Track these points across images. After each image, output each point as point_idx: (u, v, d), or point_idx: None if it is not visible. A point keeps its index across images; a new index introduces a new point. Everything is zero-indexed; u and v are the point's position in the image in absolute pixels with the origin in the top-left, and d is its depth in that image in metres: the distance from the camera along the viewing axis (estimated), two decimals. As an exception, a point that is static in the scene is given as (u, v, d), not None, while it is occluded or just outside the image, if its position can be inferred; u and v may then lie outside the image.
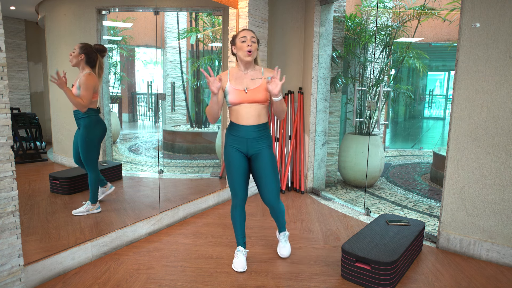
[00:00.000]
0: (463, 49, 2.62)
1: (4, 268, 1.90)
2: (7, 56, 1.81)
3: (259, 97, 2.25)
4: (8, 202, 1.88)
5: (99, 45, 2.96)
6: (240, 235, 2.48)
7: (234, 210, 2.44)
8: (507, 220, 2.54)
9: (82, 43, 2.87)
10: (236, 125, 2.31)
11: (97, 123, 2.97)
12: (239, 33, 2.28)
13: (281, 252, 2.63)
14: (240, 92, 2.25)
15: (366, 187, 4.33)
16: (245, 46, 2.22)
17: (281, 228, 2.65)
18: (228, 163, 2.36)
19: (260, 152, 2.33)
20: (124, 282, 2.25)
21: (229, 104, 2.30)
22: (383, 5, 4.93)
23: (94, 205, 3.03)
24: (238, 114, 2.28)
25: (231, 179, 2.37)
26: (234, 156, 2.33)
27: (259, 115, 2.29)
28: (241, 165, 2.34)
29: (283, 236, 2.66)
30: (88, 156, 2.94)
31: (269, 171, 2.33)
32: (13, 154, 1.88)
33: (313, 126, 4.23)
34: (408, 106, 9.31)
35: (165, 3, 4.50)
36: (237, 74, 2.31)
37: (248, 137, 2.29)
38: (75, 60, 2.83)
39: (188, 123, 6.39)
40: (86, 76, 2.83)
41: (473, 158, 2.64)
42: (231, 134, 2.34)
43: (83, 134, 2.91)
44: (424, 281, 2.33)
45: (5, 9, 1.90)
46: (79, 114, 2.89)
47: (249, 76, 2.29)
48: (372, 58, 4.78)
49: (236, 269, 2.41)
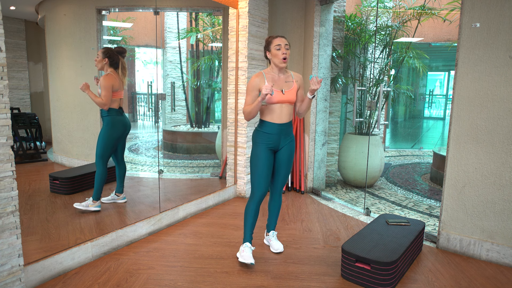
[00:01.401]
0: (463, 49, 2.62)
1: (4, 268, 1.90)
2: (7, 56, 1.81)
3: (292, 98, 2.47)
4: (8, 202, 1.88)
5: (119, 47, 3.15)
6: (249, 231, 2.54)
7: (250, 204, 2.53)
8: (507, 220, 2.54)
9: (104, 47, 3.11)
10: (270, 124, 2.46)
11: (118, 122, 3.11)
12: (273, 40, 2.43)
13: (275, 247, 2.72)
14: (279, 93, 2.42)
15: (366, 187, 4.33)
16: (280, 54, 2.40)
17: (272, 225, 2.80)
18: (257, 158, 2.49)
19: (287, 145, 2.55)
20: (124, 282, 2.25)
21: (265, 103, 2.44)
22: (383, 5, 4.93)
23: (95, 202, 3.03)
24: (274, 113, 2.45)
25: (256, 174, 2.49)
26: (265, 153, 2.48)
27: (290, 114, 2.51)
28: (269, 162, 2.50)
29: (272, 234, 2.80)
30: (101, 152, 3.06)
31: (290, 162, 2.59)
32: (13, 154, 1.88)
33: (313, 126, 4.23)
34: (408, 106, 9.31)
35: (165, 3, 4.50)
36: (272, 77, 2.47)
37: (281, 134, 2.49)
38: (100, 65, 3.05)
39: (188, 123, 6.39)
40: (104, 77, 3.01)
41: (473, 158, 2.64)
42: (264, 132, 2.48)
43: (103, 131, 3.08)
44: (424, 281, 2.33)
45: (5, 9, 1.90)
46: (103, 113, 3.08)
47: (283, 79, 2.48)
48: (372, 58, 4.78)
49: (246, 260, 2.42)
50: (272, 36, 2.47)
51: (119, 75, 3.08)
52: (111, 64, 3.05)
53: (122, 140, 3.25)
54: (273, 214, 2.76)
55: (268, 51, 2.47)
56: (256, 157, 2.49)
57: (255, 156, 2.50)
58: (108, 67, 3.04)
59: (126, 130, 3.22)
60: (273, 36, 2.46)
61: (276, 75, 2.47)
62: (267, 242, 2.82)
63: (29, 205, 3.05)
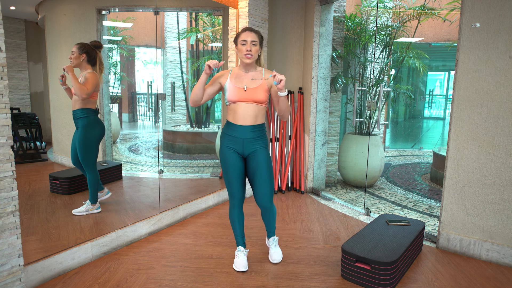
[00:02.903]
0: (463, 49, 2.62)
1: (4, 268, 1.90)
2: (7, 56, 1.81)
3: (258, 97, 2.25)
4: (8, 202, 1.88)
5: (95, 41, 2.97)
6: (239, 235, 2.48)
7: (232, 211, 2.44)
8: (507, 220, 2.54)
9: (79, 43, 2.86)
10: (232, 125, 2.30)
11: (96, 124, 2.96)
12: (241, 35, 2.25)
13: (272, 257, 2.55)
14: (239, 89, 2.25)
15: (366, 187, 4.33)
16: (244, 49, 2.22)
17: (271, 232, 2.59)
18: (224, 163, 2.34)
19: (256, 152, 2.32)
20: (124, 282, 2.25)
21: (227, 102, 2.30)
22: (383, 5, 4.93)
23: (94, 205, 3.03)
24: (236, 113, 2.27)
25: (227, 180, 2.35)
26: (230, 157, 2.31)
27: (257, 115, 2.29)
28: (236, 166, 2.32)
29: (272, 241, 2.59)
30: (86, 157, 2.94)
31: (264, 171, 2.32)
32: (13, 154, 1.88)
33: (313, 126, 4.23)
34: (408, 106, 9.31)
35: (165, 3, 4.50)
36: (238, 73, 2.31)
37: (244, 137, 2.28)
38: (76, 61, 2.83)
39: (188, 123, 6.39)
40: (91, 73, 2.85)
41: (473, 158, 2.64)
42: (227, 134, 2.33)
43: (81, 135, 2.90)
44: (424, 281, 2.33)
45: (5, 9, 1.90)
46: (78, 114, 2.89)
47: (249, 76, 2.29)
48: (372, 58, 4.78)
49: (238, 269, 2.40)
50: (243, 29, 2.28)
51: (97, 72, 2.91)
52: (88, 60, 2.86)
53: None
54: (268, 223, 2.55)
55: (235, 46, 2.28)
56: (223, 161, 2.34)
57: (223, 162, 2.34)
58: (86, 63, 2.85)
59: (102, 133, 3.05)
60: (243, 30, 2.27)
61: (243, 72, 2.30)
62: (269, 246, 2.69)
63: (29, 205, 3.05)
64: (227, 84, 2.28)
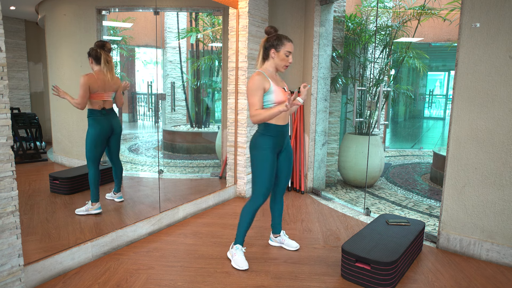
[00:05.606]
0: (463, 49, 2.62)
1: (4, 268, 1.90)
2: (7, 56, 1.81)
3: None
4: (8, 202, 1.88)
5: (99, 41, 3.02)
6: (244, 233, 2.53)
7: (253, 208, 2.46)
8: (507, 220, 2.54)
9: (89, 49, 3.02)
10: (275, 126, 2.37)
11: (98, 123, 3.04)
12: (286, 44, 2.33)
13: (293, 246, 2.74)
14: (282, 90, 2.37)
15: (366, 187, 4.33)
16: (287, 61, 2.36)
17: (278, 227, 2.79)
18: (266, 164, 2.39)
19: (287, 146, 2.54)
20: (124, 282, 2.25)
21: (270, 103, 2.32)
22: (383, 5, 4.93)
23: (94, 205, 3.03)
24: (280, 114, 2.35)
25: (266, 178, 2.40)
26: (273, 158, 2.41)
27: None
28: (275, 166, 2.46)
29: (283, 234, 2.81)
30: (89, 153, 3.04)
31: (291, 162, 2.60)
32: (13, 154, 1.88)
33: (313, 126, 4.23)
34: (408, 106, 9.31)
35: (165, 3, 4.50)
36: (271, 76, 2.39)
37: (284, 135, 2.46)
38: (91, 66, 3.01)
39: (188, 123, 6.39)
40: (80, 78, 2.95)
41: (473, 158, 2.64)
42: (271, 136, 2.38)
43: (87, 132, 3.06)
44: (424, 281, 2.33)
45: (5, 9, 1.90)
46: (87, 114, 3.04)
47: (278, 77, 2.47)
48: (372, 58, 4.78)
49: (241, 267, 2.43)
50: (285, 37, 2.34)
51: (104, 73, 2.98)
52: (95, 61, 2.98)
53: (113, 140, 3.20)
54: (278, 216, 2.75)
55: (275, 51, 2.34)
56: (264, 162, 2.38)
57: (262, 162, 2.38)
58: (95, 65, 2.98)
59: (113, 131, 3.15)
60: (287, 39, 2.34)
61: (274, 74, 2.43)
62: (279, 243, 2.80)
63: (29, 205, 3.05)
64: (272, 88, 2.32)
